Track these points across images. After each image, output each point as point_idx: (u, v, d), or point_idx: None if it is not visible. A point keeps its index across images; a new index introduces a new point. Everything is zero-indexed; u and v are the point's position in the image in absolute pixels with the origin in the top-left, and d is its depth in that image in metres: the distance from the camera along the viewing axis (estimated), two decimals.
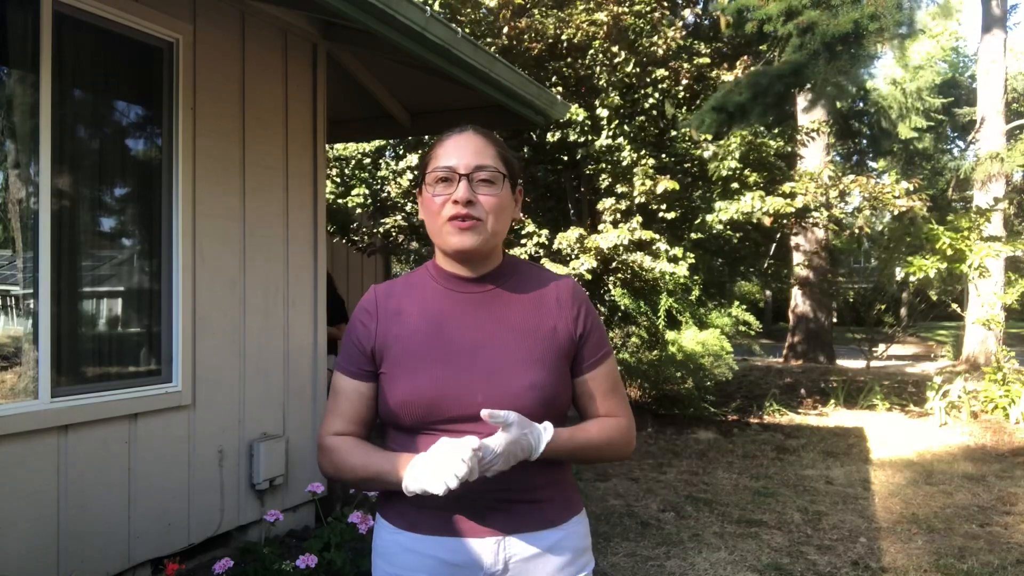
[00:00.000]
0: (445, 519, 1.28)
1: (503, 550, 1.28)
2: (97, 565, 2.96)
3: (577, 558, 1.35)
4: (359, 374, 1.35)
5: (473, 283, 1.35)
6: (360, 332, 1.36)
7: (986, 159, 12.42)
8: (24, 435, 2.70)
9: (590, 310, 1.38)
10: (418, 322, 1.33)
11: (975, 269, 8.77)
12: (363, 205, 9.40)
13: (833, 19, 5.09)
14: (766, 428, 7.61)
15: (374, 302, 1.37)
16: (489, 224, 1.29)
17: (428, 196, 1.31)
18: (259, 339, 3.76)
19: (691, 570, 3.69)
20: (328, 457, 1.36)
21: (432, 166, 1.31)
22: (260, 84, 3.80)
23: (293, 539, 3.80)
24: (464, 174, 1.27)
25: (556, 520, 1.33)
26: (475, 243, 1.28)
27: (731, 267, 9.17)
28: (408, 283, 1.39)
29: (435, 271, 1.37)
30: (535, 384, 1.27)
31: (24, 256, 2.83)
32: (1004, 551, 4.00)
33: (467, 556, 1.28)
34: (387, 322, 1.34)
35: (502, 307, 1.34)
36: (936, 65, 25.50)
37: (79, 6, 2.92)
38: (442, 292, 1.35)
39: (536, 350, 1.30)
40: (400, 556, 1.32)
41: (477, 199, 1.28)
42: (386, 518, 1.36)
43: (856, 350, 12.63)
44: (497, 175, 1.30)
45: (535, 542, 1.30)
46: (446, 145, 1.32)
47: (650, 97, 7.37)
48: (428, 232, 1.35)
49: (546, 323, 1.33)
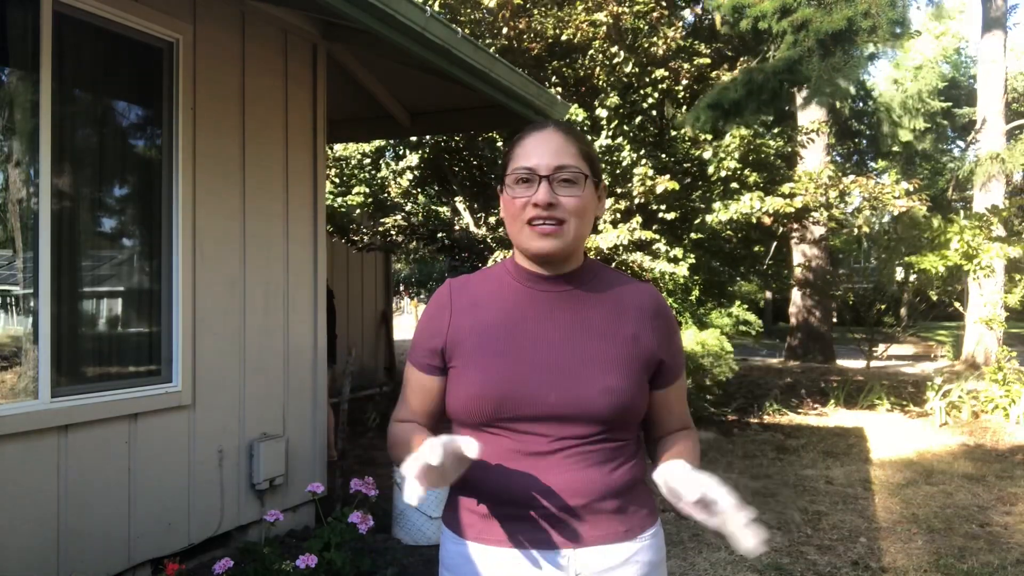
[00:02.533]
0: (512, 529, 1.22)
1: (574, 563, 1.21)
2: (97, 565, 2.96)
3: (652, 572, 1.28)
4: (426, 368, 1.32)
5: (552, 281, 1.29)
6: (432, 325, 1.32)
7: (986, 159, 12.42)
8: (24, 435, 2.70)
9: (673, 322, 1.34)
10: (493, 317, 1.28)
11: (983, 269, 8.76)
12: (363, 205, 9.40)
13: (827, 16, 5.11)
14: (766, 428, 7.62)
15: (448, 294, 1.33)
16: (572, 227, 1.23)
17: (508, 197, 1.26)
18: (259, 339, 3.77)
19: (691, 570, 3.69)
20: (390, 447, 1.34)
21: (512, 167, 1.26)
22: (260, 84, 3.80)
23: (293, 539, 3.80)
24: (544, 175, 1.22)
25: (631, 532, 1.26)
26: (556, 247, 1.23)
27: (731, 267, 9.18)
28: (484, 277, 1.35)
29: (513, 268, 1.32)
30: (611, 388, 1.22)
31: (24, 256, 2.83)
32: (1004, 551, 4.00)
33: (535, 568, 1.21)
34: (461, 315, 1.30)
35: (581, 308, 1.28)
36: (937, 66, 25.51)
37: (79, 6, 2.92)
38: (519, 289, 1.30)
39: (614, 354, 1.25)
40: (465, 567, 1.25)
41: (559, 200, 1.22)
42: (450, 527, 1.30)
43: (856, 350, 12.64)
44: (579, 175, 1.24)
45: (608, 555, 1.23)
46: (526, 144, 1.26)
47: (650, 97, 7.37)
48: (508, 233, 1.31)
49: (626, 328, 1.28)
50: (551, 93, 4.97)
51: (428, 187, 9.35)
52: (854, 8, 5.06)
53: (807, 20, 5.22)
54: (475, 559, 1.24)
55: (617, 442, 1.26)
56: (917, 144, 24.14)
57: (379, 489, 3.49)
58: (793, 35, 5.33)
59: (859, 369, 12.03)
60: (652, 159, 7.21)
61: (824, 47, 5.22)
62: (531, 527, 1.21)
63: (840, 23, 5.06)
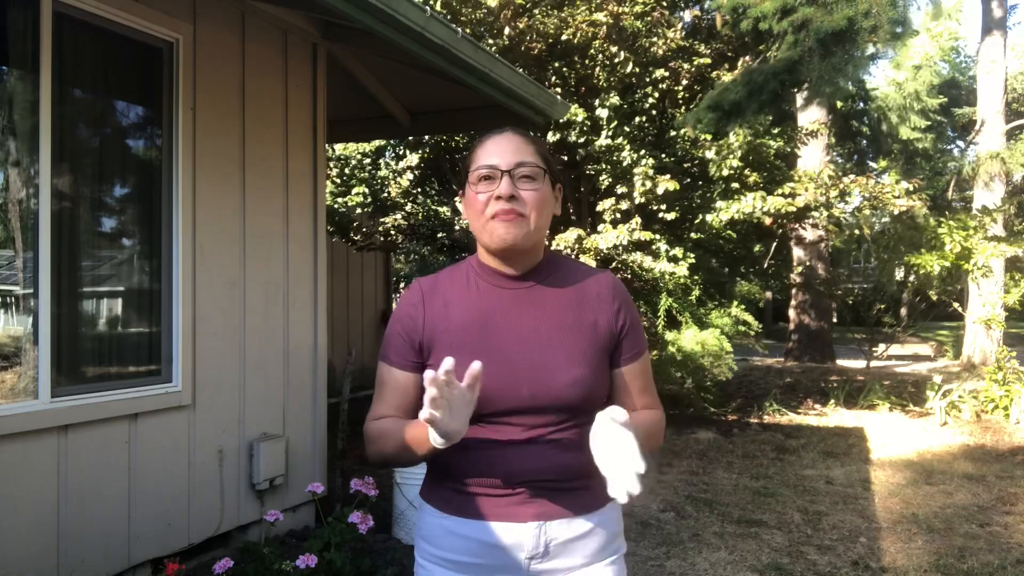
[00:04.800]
0: (489, 504, 1.33)
1: (544, 534, 1.33)
2: (97, 565, 2.96)
3: (611, 541, 1.41)
4: (405, 365, 1.38)
5: (515, 279, 1.38)
6: (407, 324, 1.38)
7: (986, 159, 12.42)
8: (24, 435, 2.70)
9: (629, 305, 1.43)
10: (464, 316, 1.36)
11: (980, 268, 8.76)
12: (363, 205, 9.40)
13: (827, 16, 5.10)
14: (766, 428, 7.61)
15: (420, 293, 1.40)
16: (532, 218, 1.32)
17: (472, 194, 1.35)
18: (259, 339, 3.76)
19: (691, 570, 3.69)
20: (369, 443, 1.39)
21: (475, 165, 1.35)
22: (260, 84, 3.80)
23: (293, 539, 3.80)
24: (506, 170, 1.31)
25: (593, 506, 1.38)
26: (518, 236, 1.31)
27: (731, 267, 9.18)
28: (452, 277, 1.43)
29: (477, 267, 1.41)
30: (578, 380, 1.32)
31: (24, 256, 2.83)
32: (1004, 551, 4.00)
33: (510, 539, 1.33)
34: (434, 315, 1.37)
35: (544, 302, 1.37)
36: (936, 65, 25.50)
37: (79, 6, 2.92)
38: (485, 287, 1.39)
39: (579, 345, 1.34)
40: (445, 539, 1.37)
41: (519, 194, 1.32)
42: (431, 503, 1.41)
43: (856, 350, 12.63)
44: (538, 171, 1.34)
45: (574, 526, 1.35)
46: (487, 145, 1.36)
47: (650, 97, 7.37)
48: (472, 230, 1.38)
49: (587, 317, 1.37)
50: (551, 93, 4.97)
51: (428, 187, 9.35)
52: (855, 8, 5.06)
53: (808, 20, 5.22)
54: (453, 530, 1.36)
55: (584, 427, 1.32)
56: (917, 144, 24.12)
57: (379, 489, 3.49)
58: (794, 35, 5.32)
59: (859, 369, 12.02)
60: (652, 159, 7.20)
61: (824, 47, 5.22)
62: (506, 503, 1.33)
63: (841, 23, 5.06)
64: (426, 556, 1.42)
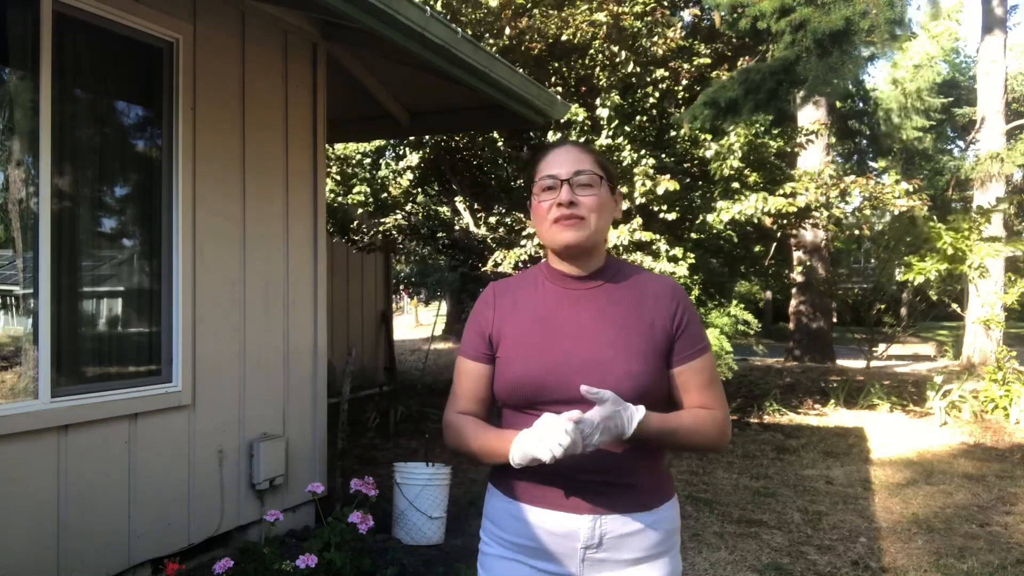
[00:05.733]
0: (551, 495, 1.42)
1: (600, 527, 1.41)
2: (97, 565, 2.96)
3: (667, 539, 1.47)
4: (478, 356, 1.51)
5: (580, 280, 1.50)
6: (480, 320, 1.53)
7: (986, 159, 12.42)
8: (24, 435, 2.70)
9: (688, 306, 1.50)
10: (530, 313, 1.49)
11: (975, 269, 8.76)
12: (363, 205, 9.40)
13: (825, 16, 5.10)
14: (766, 428, 7.61)
15: (492, 295, 1.55)
16: (592, 221, 1.44)
17: (536, 203, 1.48)
18: (259, 339, 3.77)
19: (691, 570, 3.69)
20: (450, 433, 1.51)
21: (538, 176, 1.48)
22: (260, 84, 3.80)
23: (293, 539, 3.80)
24: (565, 179, 1.43)
25: (649, 504, 1.44)
26: (578, 238, 1.43)
27: (731, 267, 9.17)
28: (522, 280, 1.57)
29: (546, 270, 1.54)
30: (631, 374, 1.39)
31: (24, 256, 2.83)
32: (1004, 551, 4.00)
33: (566, 528, 1.41)
34: (503, 312, 1.51)
35: (606, 302, 1.47)
36: (936, 65, 25.51)
37: (79, 6, 2.92)
38: (552, 288, 1.51)
39: (634, 342, 1.42)
40: (508, 522, 1.47)
41: (579, 200, 1.43)
42: (499, 488, 1.51)
43: (856, 350, 12.63)
44: (595, 177, 1.45)
45: (629, 523, 1.42)
46: (548, 159, 1.48)
47: (650, 97, 7.37)
48: (539, 236, 1.52)
49: (645, 318, 1.45)
50: (551, 93, 4.97)
51: (428, 187, 9.35)
52: (852, 8, 5.05)
53: (805, 20, 5.22)
54: (516, 515, 1.46)
55: None
56: (917, 144, 24.13)
57: (379, 489, 3.49)
58: (791, 35, 5.32)
59: (859, 369, 12.02)
60: (652, 159, 7.20)
61: (822, 47, 5.22)
62: (566, 494, 1.41)
63: (838, 23, 5.05)
64: (490, 535, 1.51)
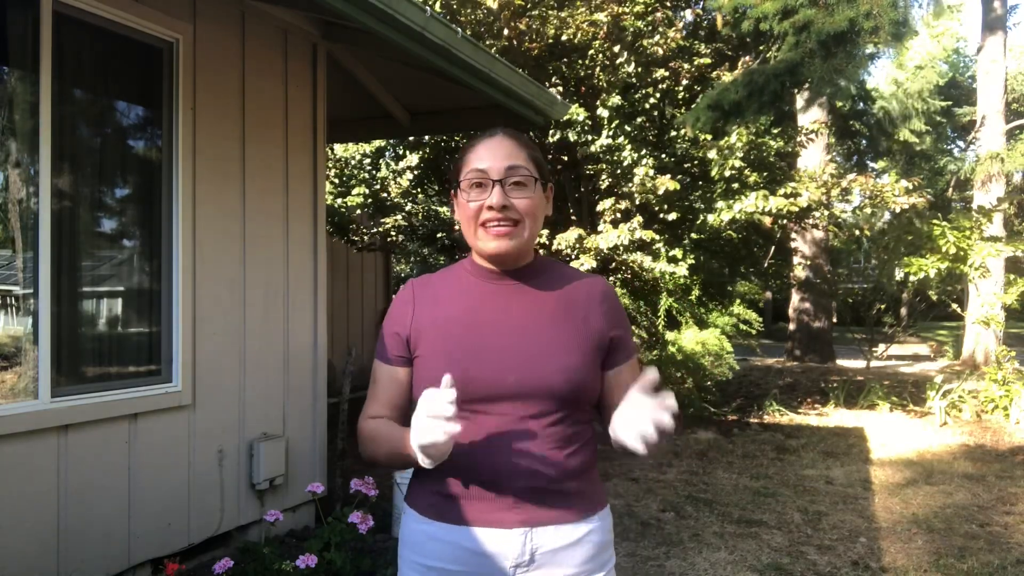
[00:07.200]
0: (473, 509, 1.29)
1: (530, 541, 1.29)
2: (97, 565, 2.96)
3: (601, 552, 1.36)
4: (394, 360, 1.39)
5: (508, 275, 1.39)
6: (397, 320, 1.40)
7: (986, 159, 12.41)
8: (24, 435, 2.70)
9: (620, 309, 1.44)
10: (453, 309, 1.37)
11: (976, 269, 8.76)
12: (363, 205, 9.40)
13: (829, 18, 5.09)
14: (766, 428, 7.61)
15: (411, 290, 1.43)
16: (526, 226, 1.33)
17: (463, 201, 1.34)
18: (259, 339, 3.77)
19: (691, 570, 3.69)
20: (362, 440, 1.39)
21: (465, 170, 1.34)
22: (260, 84, 3.80)
23: (293, 539, 3.80)
24: (497, 179, 1.30)
25: (583, 514, 1.34)
26: (511, 247, 1.32)
27: (731, 267, 9.17)
28: (445, 275, 1.45)
29: (471, 266, 1.42)
30: (567, 367, 1.30)
31: (24, 256, 2.83)
32: (1004, 551, 4.00)
33: (494, 546, 1.28)
34: (423, 308, 1.38)
35: (535, 297, 1.38)
36: (937, 65, 25.49)
37: (79, 6, 2.92)
38: (477, 284, 1.39)
39: (568, 336, 1.34)
40: (427, 545, 1.33)
41: (511, 203, 1.31)
42: (414, 508, 1.37)
43: (856, 350, 12.63)
44: (529, 178, 1.33)
45: (562, 534, 1.31)
46: (478, 149, 1.34)
47: (650, 97, 7.37)
48: (463, 234, 1.38)
49: (577, 313, 1.37)
50: (551, 93, 4.97)
51: (428, 187, 9.34)
52: (856, 9, 5.05)
53: (809, 21, 5.21)
54: (435, 536, 1.32)
55: (575, 426, 1.33)
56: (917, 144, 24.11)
57: (379, 489, 3.49)
58: (795, 36, 5.32)
59: (859, 369, 12.02)
60: (653, 159, 7.20)
61: (826, 48, 5.22)
62: (492, 507, 1.28)
63: (842, 24, 5.05)
64: (409, 564, 1.36)
